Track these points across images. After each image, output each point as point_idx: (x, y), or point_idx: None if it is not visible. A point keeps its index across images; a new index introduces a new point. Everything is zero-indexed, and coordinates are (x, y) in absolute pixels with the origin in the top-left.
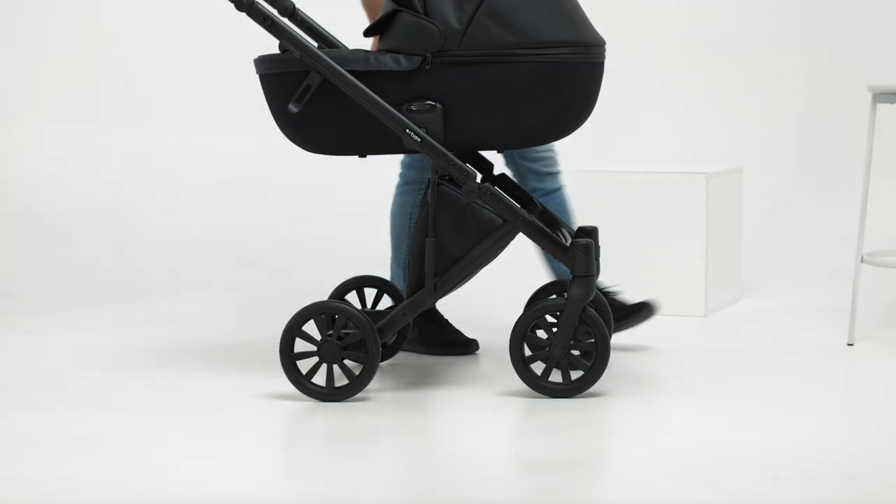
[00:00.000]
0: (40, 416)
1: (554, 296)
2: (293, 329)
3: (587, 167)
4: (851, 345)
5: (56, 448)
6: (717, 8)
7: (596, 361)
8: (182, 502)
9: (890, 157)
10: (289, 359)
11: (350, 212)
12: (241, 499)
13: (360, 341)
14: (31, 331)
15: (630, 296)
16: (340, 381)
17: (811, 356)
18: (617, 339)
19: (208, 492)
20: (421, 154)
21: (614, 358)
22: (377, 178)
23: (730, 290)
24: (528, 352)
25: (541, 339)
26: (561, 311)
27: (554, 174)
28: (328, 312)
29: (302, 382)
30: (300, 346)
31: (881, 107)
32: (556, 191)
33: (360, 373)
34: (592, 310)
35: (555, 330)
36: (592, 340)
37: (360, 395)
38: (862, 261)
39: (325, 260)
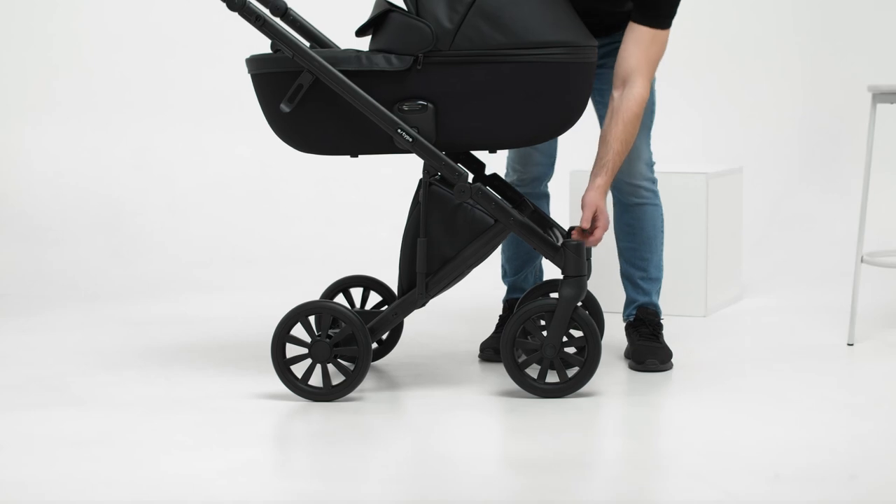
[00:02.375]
0: (40, 416)
1: (540, 297)
2: (283, 333)
3: (586, 167)
4: (851, 345)
5: (55, 448)
6: (717, 8)
7: (587, 361)
8: (180, 502)
9: (890, 157)
10: (281, 363)
11: (349, 211)
12: (238, 499)
13: (349, 337)
14: (29, 331)
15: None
16: (334, 380)
17: (811, 356)
18: (617, 340)
19: (206, 492)
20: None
21: (614, 358)
22: (376, 177)
23: (730, 290)
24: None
25: (532, 343)
26: (549, 313)
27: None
28: (315, 313)
29: (296, 384)
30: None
31: (881, 107)
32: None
33: (353, 370)
34: (583, 310)
35: (545, 333)
36: (581, 335)
37: (355, 395)
38: (862, 261)
39: (324, 260)
